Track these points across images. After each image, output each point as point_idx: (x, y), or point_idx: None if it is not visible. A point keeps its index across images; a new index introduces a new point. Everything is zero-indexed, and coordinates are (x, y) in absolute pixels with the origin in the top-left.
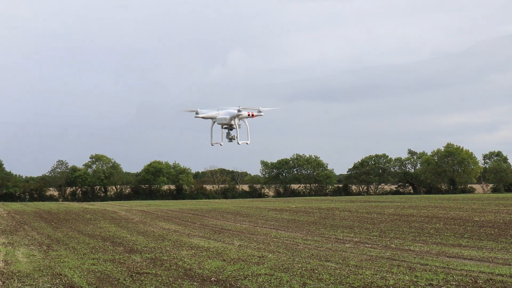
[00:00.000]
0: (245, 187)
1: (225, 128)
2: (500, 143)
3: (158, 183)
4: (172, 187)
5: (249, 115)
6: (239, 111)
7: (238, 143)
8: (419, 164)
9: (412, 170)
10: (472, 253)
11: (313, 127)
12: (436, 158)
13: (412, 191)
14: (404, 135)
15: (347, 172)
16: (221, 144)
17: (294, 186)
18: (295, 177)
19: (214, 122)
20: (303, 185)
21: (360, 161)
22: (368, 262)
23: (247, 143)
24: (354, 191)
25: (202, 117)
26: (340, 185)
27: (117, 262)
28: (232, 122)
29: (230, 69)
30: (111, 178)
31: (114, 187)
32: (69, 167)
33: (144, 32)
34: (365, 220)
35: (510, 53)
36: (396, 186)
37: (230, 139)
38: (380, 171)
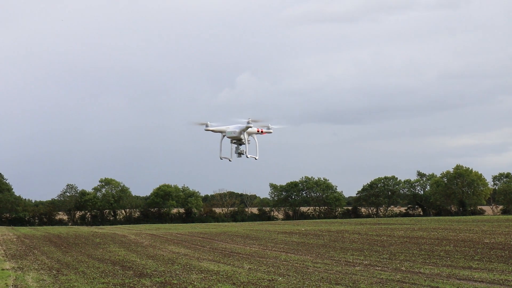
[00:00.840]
0: (255, 210)
1: (234, 143)
2: (509, 164)
3: (167, 206)
4: (181, 210)
5: (258, 131)
6: (248, 123)
7: (246, 157)
8: (428, 186)
9: (422, 192)
10: (482, 275)
11: (322, 149)
12: (445, 180)
13: (421, 213)
14: (413, 157)
15: (356, 194)
16: (230, 160)
17: (304, 209)
18: (304, 199)
19: (224, 136)
20: (312, 207)
21: (369, 183)
22: (378, 285)
23: (255, 158)
24: (364, 213)
25: (212, 130)
26: (350, 208)
27: (127, 286)
28: (242, 136)
29: (238, 91)
30: (120, 202)
31: (123, 211)
32: (78, 191)
33: (154, 56)
34: (375, 243)
35: None
36: (406, 208)
37: (239, 153)
38: (390, 193)
